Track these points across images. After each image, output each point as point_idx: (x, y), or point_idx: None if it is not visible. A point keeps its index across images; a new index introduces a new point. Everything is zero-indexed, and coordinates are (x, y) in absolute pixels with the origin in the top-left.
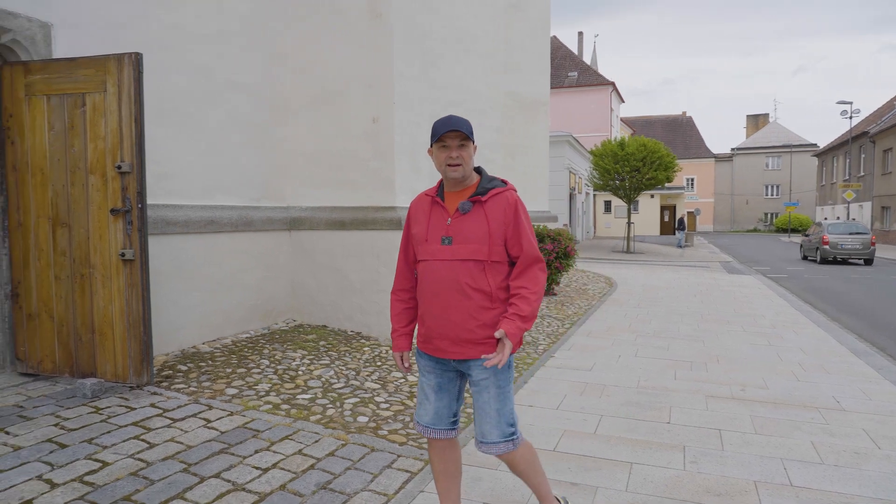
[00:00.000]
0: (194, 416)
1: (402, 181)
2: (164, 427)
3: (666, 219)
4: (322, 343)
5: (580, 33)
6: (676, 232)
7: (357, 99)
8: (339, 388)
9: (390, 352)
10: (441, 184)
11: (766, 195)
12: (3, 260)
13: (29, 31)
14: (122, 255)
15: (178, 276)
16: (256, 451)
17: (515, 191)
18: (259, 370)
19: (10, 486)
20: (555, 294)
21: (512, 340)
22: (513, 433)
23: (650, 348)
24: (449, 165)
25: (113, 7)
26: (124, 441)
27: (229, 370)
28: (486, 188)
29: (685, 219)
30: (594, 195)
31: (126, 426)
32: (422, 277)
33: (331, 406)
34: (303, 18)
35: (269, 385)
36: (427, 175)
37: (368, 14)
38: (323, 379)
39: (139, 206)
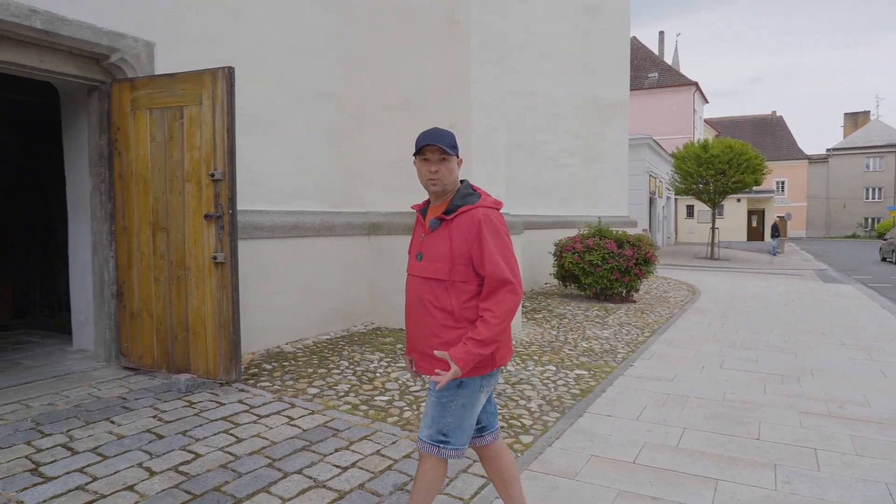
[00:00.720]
0: (278, 413)
1: (478, 186)
2: (251, 423)
3: (753, 224)
4: (399, 346)
5: (661, 33)
6: (770, 238)
7: (434, 105)
8: (416, 391)
9: None
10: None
11: (867, 198)
12: (110, 261)
13: (135, 50)
14: (214, 258)
15: (265, 279)
16: (336, 450)
17: (493, 207)
18: (339, 371)
19: (115, 472)
20: (634, 301)
21: (458, 364)
22: (441, 441)
23: (737, 360)
24: (430, 180)
25: (208, 25)
26: (214, 434)
27: (311, 370)
28: (456, 205)
29: (778, 224)
30: (675, 199)
31: (216, 420)
32: (405, 290)
33: (407, 409)
34: (381, 28)
35: (349, 386)
36: (503, 179)
37: (446, 21)
38: (400, 381)
39: (230, 211)
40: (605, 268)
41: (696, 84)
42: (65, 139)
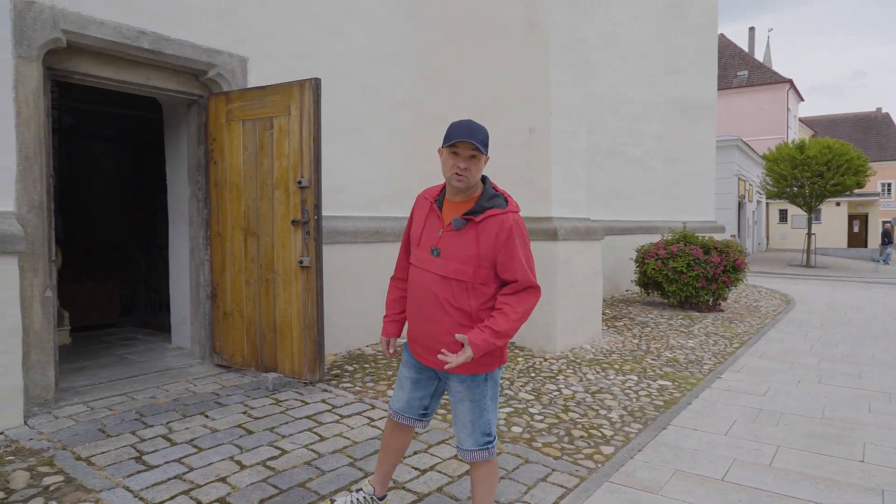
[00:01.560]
0: (359, 413)
1: (558, 191)
2: (333, 422)
3: (855, 229)
4: None
5: (751, 29)
6: (881, 246)
7: (512, 110)
8: None
9: (544, 363)
10: (444, 188)
11: None
12: (206, 264)
13: (230, 65)
14: (301, 262)
15: (347, 283)
16: (415, 453)
17: (517, 212)
18: None
19: (209, 464)
20: (721, 310)
21: (474, 350)
22: (488, 442)
23: (837, 375)
24: (456, 174)
25: (296, 39)
26: (300, 432)
27: (390, 373)
28: (484, 207)
29: (891, 229)
30: (767, 203)
31: (301, 419)
32: (410, 280)
33: None
34: (459, 35)
35: None
36: (583, 184)
37: (525, 26)
38: None
39: (316, 217)
40: (690, 275)
41: (789, 81)
42: (167, 150)
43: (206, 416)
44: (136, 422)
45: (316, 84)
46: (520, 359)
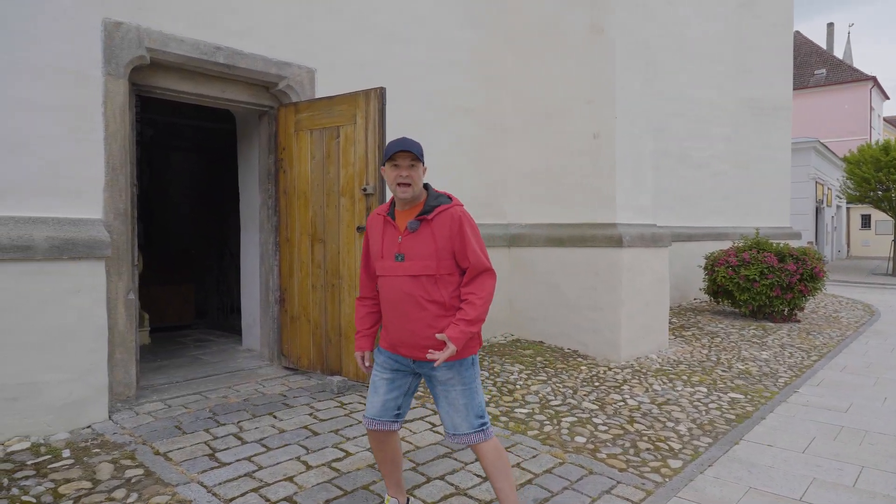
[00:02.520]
0: (421, 419)
1: (623, 197)
2: None
3: None
4: (539, 359)
5: (829, 25)
6: None
7: (576, 115)
8: (556, 406)
9: (608, 373)
10: (392, 202)
11: None
12: (275, 270)
13: (299, 76)
14: None
15: None
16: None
17: (461, 206)
18: None
19: (277, 463)
20: (798, 321)
21: (455, 343)
22: (482, 424)
23: None
24: (399, 185)
25: (361, 49)
26: (363, 435)
27: None
28: (432, 206)
29: None
30: (848, 208)
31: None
32: (382, 291)
33: (548, 423)
34: (522, 41)
35: (488, 396)
36: (650, 189)
37: (589, 30)
38: (540, 395)
39: None
40: (763, 283)
41: (873, 79)
42: (239, 159)
43: (275, 417)
44: (210, 420)
45: (381, 93)
46: (583, 367)
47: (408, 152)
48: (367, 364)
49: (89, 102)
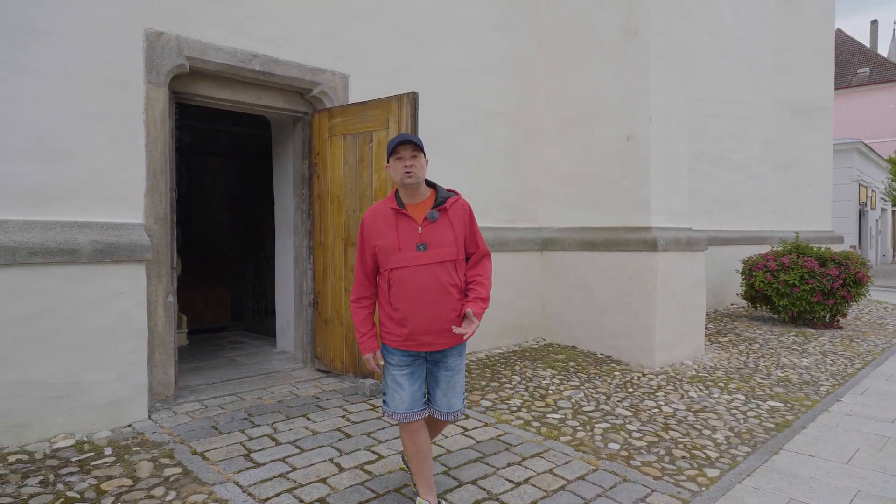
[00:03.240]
0: (452, 422)
1: (658, 200)
2: None
3: None
4: (571, 364)
5: (873, 22)
6: None
7: (609, 118)
8: (589, 411)
9: (643, 378)
10: (397, 198)
11: None
12: (308, 273)
13: (332, 82)
14: None
15: None
16: (509, 465)
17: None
18: (511, 386)
19: (310, 465)
20: (840, 328)
21: (478, 318)
22: (463, 400)
23: None
24: (406, 173)
25: (393, 55)
26: (395, 438)
27: (483, 383)
28: (445, 197)
29: None
30: (893, 211)
31: (396, 425)
32: (400, 283)
33: (581, 429)
34: (555, 45)
35: (521, 401)
36: (685, 192)
37: (623, 33)
38: (573, 400)
39: None
40: (803, 289)
41: None
42: (274, 164)
43: (308, 419)
44: (245, 421)
45: (413, 98)
46: (616, 373)
47: (409, 143)
48: (381, 362)
49: (131, 110)
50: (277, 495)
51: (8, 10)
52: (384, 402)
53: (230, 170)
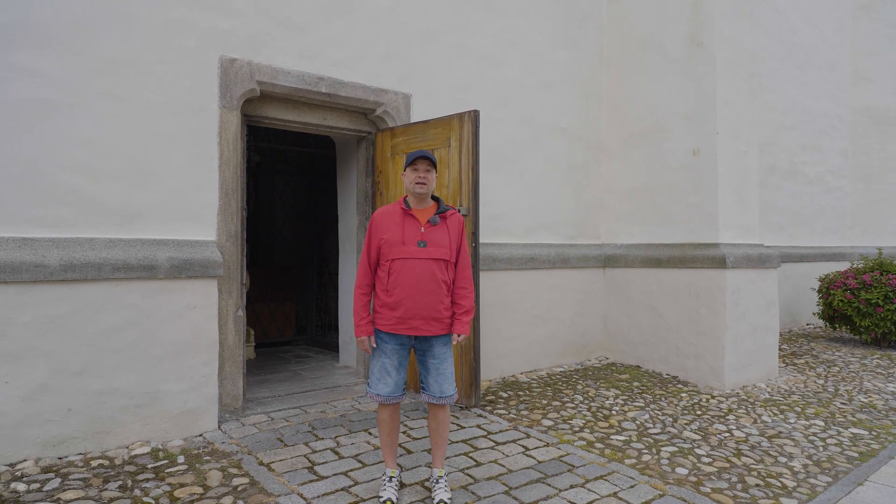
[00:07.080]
0: (514, 441)
1: (726, 215)
2: (489, 448)
3: None
4: (636, 384)
5: None
6: None
7: (674, 132)
8: (655, 434)
9: (712, 401)
10: (405, 203)
11: None
12: None
13: (395, 102)
14: None
15: (502, 309)
16: (572, 486)
17: None
18: (573, 405)
19: (372, 479)
20: None
21: (466, 334)
22: (454, 386)
23: None
24: (417, 183)
25: (456, 73)
26: (456, 455)
27: (545, 402)
28: (445, 209)
29: None
30: None
31: (457, 442)
32: (398, 273)
33: (646, 451)
34: (617, 59)
35: (583, 421)
36: (756, 206)
37: (688, 44)
38: (637, 422)
39: (473, 244)
40: (888, 308)
41: None
42: (339, 182)
43: (370, 433)
44: (309, 434)
45: (475, 116)
46: (683, 394)
47: (426, 159)
48: (374, 344)
49: (207, 133)
50: None
51: (102, 44)
52: (369, 384)
53: (295, 188)
